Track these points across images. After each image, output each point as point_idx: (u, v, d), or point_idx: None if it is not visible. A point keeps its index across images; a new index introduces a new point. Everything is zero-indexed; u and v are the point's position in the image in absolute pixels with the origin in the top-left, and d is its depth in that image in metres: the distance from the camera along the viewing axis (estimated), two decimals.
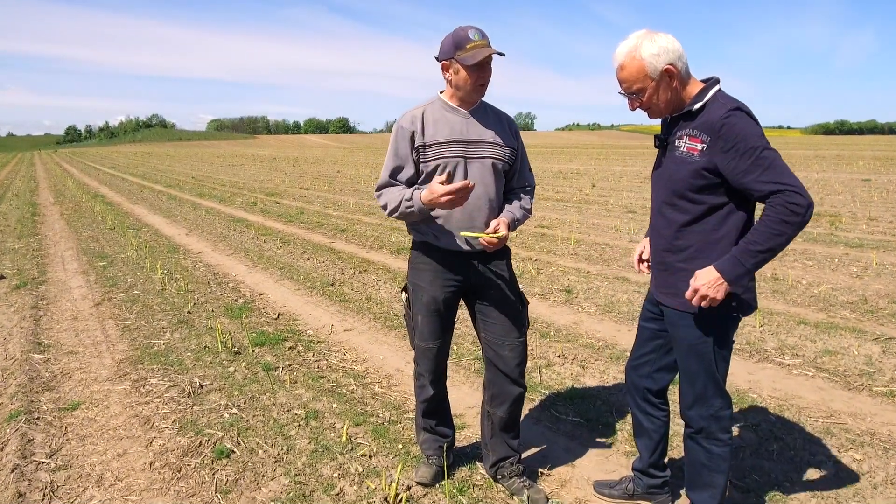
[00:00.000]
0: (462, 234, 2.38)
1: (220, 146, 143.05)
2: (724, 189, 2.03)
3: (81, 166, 40.66)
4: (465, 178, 2.45)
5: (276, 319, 5.31)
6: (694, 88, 2.09)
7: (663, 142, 2.20)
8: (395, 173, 2.50)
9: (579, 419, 3.35)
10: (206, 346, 4.55)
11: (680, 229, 2.12)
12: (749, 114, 1.99)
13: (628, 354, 2.58)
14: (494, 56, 2.40)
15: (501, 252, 2.60)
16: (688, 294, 2.07)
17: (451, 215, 2.44)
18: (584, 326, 4.96)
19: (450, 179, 2.34)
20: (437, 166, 2.43)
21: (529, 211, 2.64)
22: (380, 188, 2.53)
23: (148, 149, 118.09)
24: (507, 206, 2.57)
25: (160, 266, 7.32)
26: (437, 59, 2.43)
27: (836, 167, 24.46)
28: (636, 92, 2.10)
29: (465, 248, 2.49)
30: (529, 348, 4.39)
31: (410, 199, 2.39)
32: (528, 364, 4.09)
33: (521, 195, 2.65)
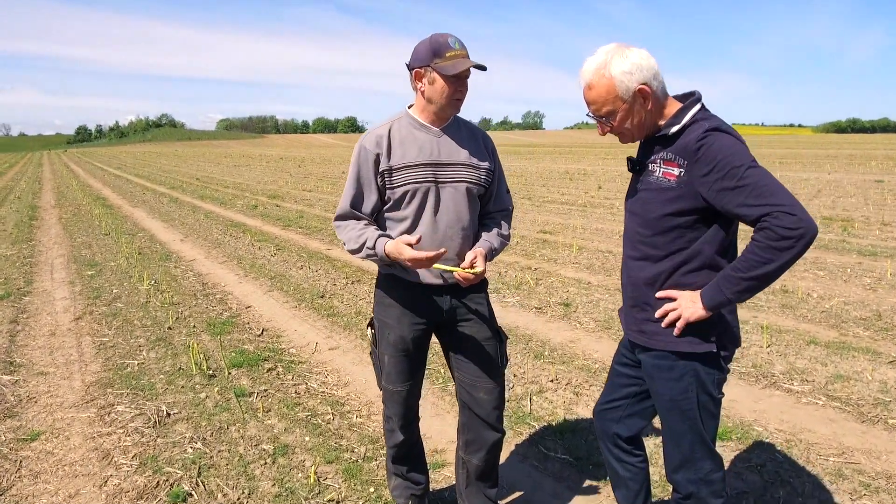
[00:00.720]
0: (435, 266, 2.13)
1: (228, 146, 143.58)
2: (705, 219, 1.77)
3: (88, 167, 40.71)
4: (437, 204, 2.21)
5: (259, 336, 5.08)
6: (671, 109, 1.84)
7: (636, 165, 1.94)
8: (356, 202, 2.26)
9: (568, 457, 3.10)
10: (180, 368, 4.32)
11: (655, 263, 1.87)
12: (729, 132, 1.73)
13: None
14: (475, 71, 2.16)
15: (478, 284, 2.36)
16: (658, 312, 1.85)
17: (421, 247, 2.20)
18: (580, 345, 4.70)
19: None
20: (406, 192, 2.19)
21: (508, 238, 2.39)
22: (339, 218, 2.29)
23: (157, 148, 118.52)
24: (483, 235, 2.32)
25: (147, 276, 7.12)
26: (408, 66, 2.18)
27: (849, 167, 24.02)
28: (605, 115, 1.84)
29: (437, 281, 2.25)
30: (521, 371, 4.15)
31: (374, 248, 2.15)
32: (519, 390, 3.85)
33: (500, 221, 2.40)
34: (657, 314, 1.87)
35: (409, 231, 2.21)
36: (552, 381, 4.01)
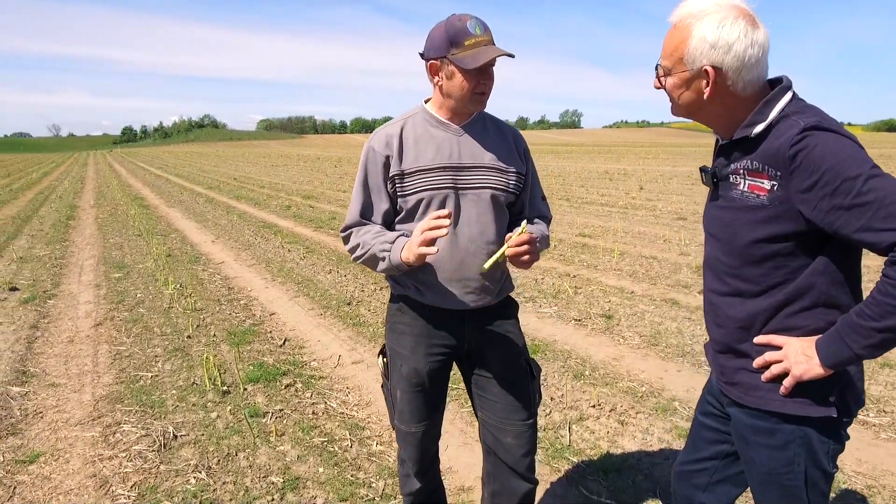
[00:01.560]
0: (485, 267, 1.78)
1: (267, 146, 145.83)
2: (811, 244, 1.37)
3: (131, 167, 41.53)
4: (458, 214, 1.86)
5: (280, 347, 4.81)
6: (752, 103, 1.42)
7: (714, 177, 1.53)
8: (366, 211, 1.93)
9: (614, 503, 2.71)
10: (194, 383, 4.07)
11: (749, 300, 1.48)
12: (834, 129, 1.30)
13: (676, 405, 1.93)
14: (506, 60, 1.81)
15: (505, 307, 2.01)
16: (757, 362, 1.45)
17: (438, 264, 1.86)
18: (625, 363, 4.30)
19: (437, 224, 1.72)
20: (420, 201, 1.85)
21: (548, 240, 2.04)
22: (346, 228, 1.96)
23: (198, 149, 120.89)
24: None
25: (173, 280, 6.94)
26: (422, 56, 1.85)
27: None
28: (665, 67, 1.47)
29: (458, 306, 1.90)
30: (560, 394, 3.78)
31: (388, 254, 1.83)
32: (557, 417, 3.48)
33: (536, 221, 2.05)
34: (756, 364, 1.46)
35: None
36: (594, 406, 3.62)
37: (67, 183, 25.67)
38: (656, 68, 1.50)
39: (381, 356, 2.12)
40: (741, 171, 1.43)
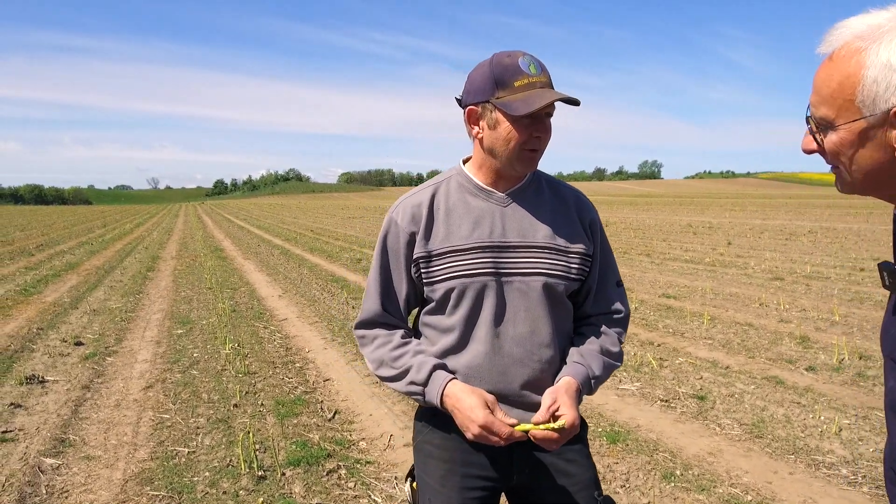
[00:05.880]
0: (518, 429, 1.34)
1: (347, 198, 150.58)
2: None
3: (218, 218, 43.42)
4: (500, 309, 1.41)
5: (329, 420, 4.40)
6: None
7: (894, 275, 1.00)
8: (386, 303, 1.50)
9: None
10: (230, 464, 3.69)
11: None
12: None
13: None
14: (559, 105, 1.37)
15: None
16: None
17: (475, 373, 1.41)
18: (723, 460, 3.61)
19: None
20: (451, 291, 1.41)
21: (619, 357, 1.52)
22: (363, 325, 1.54)
23: (282, 200, 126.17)
24: (573, 352, 1.49)
25: (232, 338, 6.74)
26: (459, 102, 1.43)
27: None
28: (819, 120, 0.95)
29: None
30: (646, 501, 3.15)
31: (424, 383, 1.42)
32: None
33: (604, 326, 1.54)
34: None
35: (456, 350, 1.43)
36: None
37: (156, 234, 26.90)
38: (807, 121, 0.99)
39: (408, 479, 1.65)
40: None
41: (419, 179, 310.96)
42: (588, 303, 1.54)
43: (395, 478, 3.52)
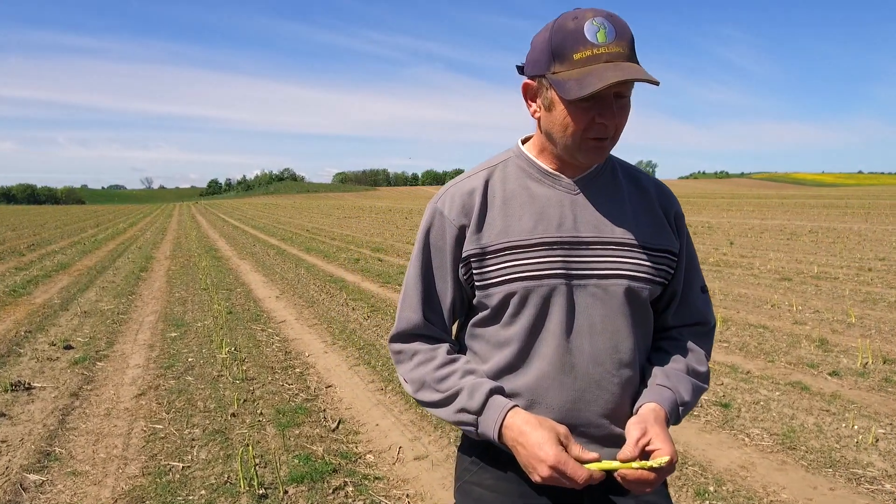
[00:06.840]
0: (588, 467, 1.08)
1: (342, 198, 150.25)
2: None
3: (212, 218, 43.02)
4: (571, 318, 1.16)
5: (332, 431, 4.14)
6: None
7: None
8: (428, 310, 1.24)
9: None
10: (227, 481, 3.43)
11: None
12: None
13: None
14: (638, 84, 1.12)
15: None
16: None
17: (543, 397, 1.16)
18: (758, 475, 3.37)
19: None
20: (510, 296, 1.16)
21: (707, 378, 1.28)
22: (400, 338, 1.28)
23: (277, 200, 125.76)
24: (656, 373, 1.23)
25: (228, 342, 6.46)
26: (518, 69, 1.18)
27: None
28: None
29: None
30: None
31: (479, 412, 1.15)
32: None
33: (689, 341, 1.29)
34: None
35: (513, 369, 1.18)
36: None
37: (150, 234, 26.52)
38: None
39: None
40: None
41: (414, 179, 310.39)
42: (670, 311, 1.30)
43: (409, 496, 3.26)
